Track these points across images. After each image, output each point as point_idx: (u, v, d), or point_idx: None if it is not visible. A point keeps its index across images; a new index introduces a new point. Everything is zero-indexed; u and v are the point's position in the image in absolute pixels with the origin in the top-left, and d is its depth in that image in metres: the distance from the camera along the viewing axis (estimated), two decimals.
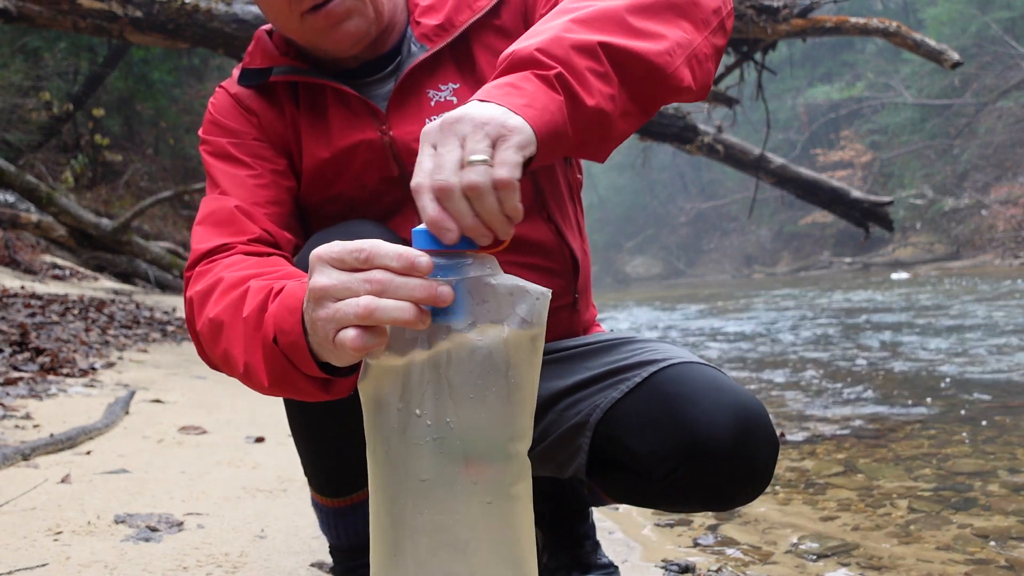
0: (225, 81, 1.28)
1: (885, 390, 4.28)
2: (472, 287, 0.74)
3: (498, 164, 0.76)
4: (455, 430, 0.74)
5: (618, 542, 2.01)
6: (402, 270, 0.73)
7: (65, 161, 13.28)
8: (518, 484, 0.77)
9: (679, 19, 0.97)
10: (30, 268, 8.30)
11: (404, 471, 0.75)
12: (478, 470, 0.74)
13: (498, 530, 0.76)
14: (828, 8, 6.89)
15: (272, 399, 1.27)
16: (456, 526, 0.74)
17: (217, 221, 1.12)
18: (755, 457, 1.08)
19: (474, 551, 0.75)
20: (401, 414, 0.75)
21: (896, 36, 6.60)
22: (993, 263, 20.06)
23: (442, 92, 1.19)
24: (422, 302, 0.73)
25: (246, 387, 1.00)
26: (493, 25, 1.21)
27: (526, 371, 0.76)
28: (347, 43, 1.15)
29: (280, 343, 0.88)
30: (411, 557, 0.76)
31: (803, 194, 7.54)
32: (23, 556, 1.65)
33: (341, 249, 0.76)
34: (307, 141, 1.21)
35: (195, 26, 5.25)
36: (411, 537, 0.76)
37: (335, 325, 0.75)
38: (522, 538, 0.77)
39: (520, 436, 0.77)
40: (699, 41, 0.98)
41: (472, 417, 0.74)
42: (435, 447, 0.74)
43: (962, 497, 2.31)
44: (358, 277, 0.74)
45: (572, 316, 1.32)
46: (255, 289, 0.96)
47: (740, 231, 35.08)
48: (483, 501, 0.75)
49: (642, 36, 0.92)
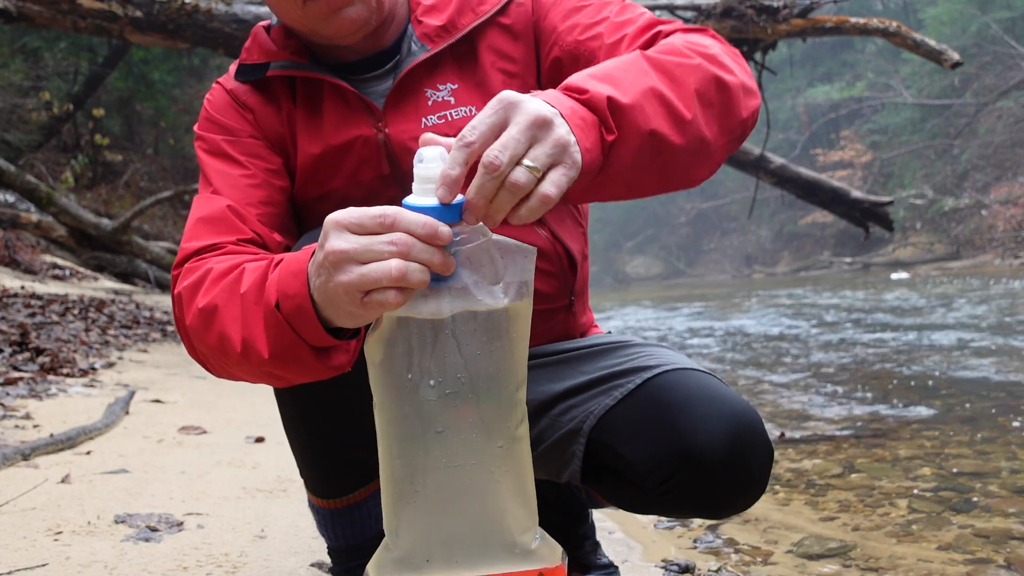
0: (222, 77, 1.27)
1: (885, 390, 4.28)
2: (471, 253, 0.80)
3: (549, 182, 0.79)
4: (466, 384, 0.80)
5: (618, 542, 2.01)
6: (425, 238, 0.76)
7: (65, 161, 13.28)
8: (521, 426, 0.84)
9: (714, 121, 0.97)
10: (30, 268, 8.30)
11: (419, 424, 0.81)
12: (489, 418, 0.81)
13: (511, 470, 0.83)
14: (828, 8, 6.89)
15: (272, 399, 1.27)
16: (474, 471, 0.81)
17: (208, 220, 1.11)
18: (749, 465, 1.08)
19: (492, 492, 0.81)
20: (413, 372, 0.80)
21: (896, 36, 6.60)
22: (993, 263, 20.05)
23: (440, 92, 1.19)
24: (435, 268, 0.77)
25: (245, 387, 1.00)
26: (500, 23, 1.21)
27: (521, 325, 0.83)
28: (348, 30, 1.14)
29: (283, 308, 0.89)
30: (434, 505, 0.82)
31: (803, 194, 7.53)
32: (23, 556, 1.65)
33: (362, 214, 0.78)
34: (302, 137, 1.20)
35: (195, 26, 5.24)
36: (431, 483, 0.82)
37: (364, 287, 0.77)
38: (528, 475, 0.85)
39: (522, 383, 0.85)
40: (719, 146, 0.99)
41: (481, 370, 0.80)
42: (448, 400, 0.80)
43: (962, 497, 2.31)
44: (381, 239, 0.77)
45: (568, 318, 1.32)
46: (251, 268, 0.96)
47: (740, 231, 35.05)
48: (495, 445, 0.81)
49: (685, 132, 0.93)
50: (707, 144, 0.96)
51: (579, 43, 1.16)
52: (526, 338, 0.84)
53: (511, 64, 1.20)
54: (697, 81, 0.95)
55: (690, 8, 6.89)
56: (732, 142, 1.01)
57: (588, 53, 1.15)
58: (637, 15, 1.14)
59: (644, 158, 0.90)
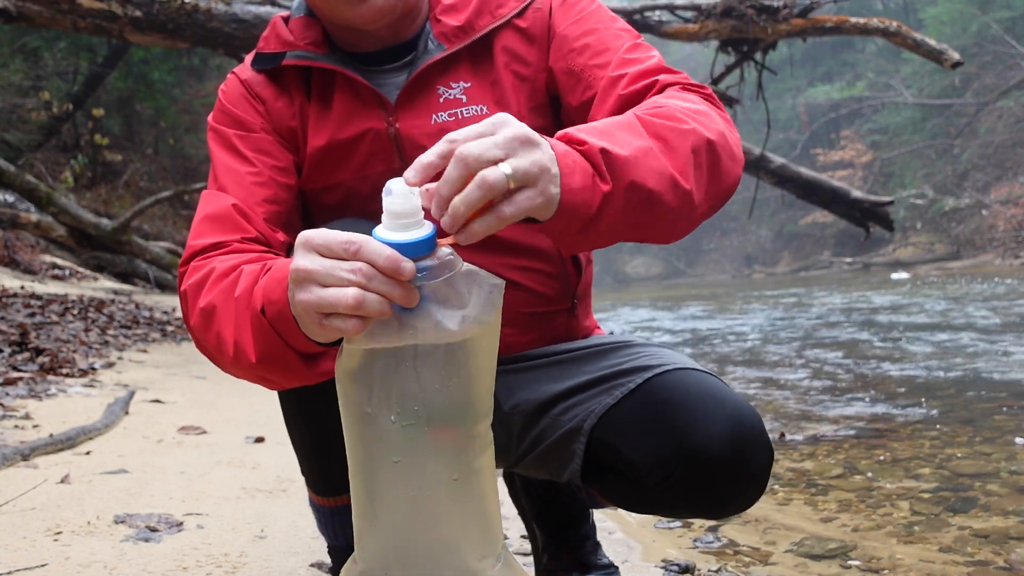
0: (238, 67, 1.28)
1: (885, 391, 4.27)
2: (437, 288, 0.79)
3: (510, 202, 0.79)
4: (422, 416, 0.79)
5: (618, 542, 2.01)
6: (387, 271, 0.76)
7: (65, 161, 13.27)
8: (480, 458, 0.83)
9: (702, 185, 0.97)
10: (30, 268, 8.30)
11: (376, 451, 0.81)
12: (446, 451, 0.81)
13: (466, 501, 0.82)
14: (828, 8, 6.90)
15: (272, 399, 1.27)
16: (428, 501, 0.81)
17: (214, 218, 1.13)
18: (749, 465, 1.08)
19: (446, 522, 0.82)
20: (373, 401, 0.80)
21: (896, 36, 6.60)
22: (993, 263, 20.05)
23: (453, 90, 1.20)
24: (396, 300, 0.77)
25: (245, 387, 1.01)
26: (516, 26, 1.22)
27: (484, 359, 0.82)
28: (373, 15, 1.14)
29: (268, 314, 0.90)
30: (390, 527, 0.83)
31: (803, 194, 7.53)
32: (23, 556, 1.65)
33: (331, 238, 0.78)
34: (313, 127, 1.21)
35: (195, 26, 5.24)
36: (388, 510, 0.82)
37: (320, 310, 0.78)
38: (488, 505, 0.84)
39: (482, 417, 0.83)
40: (703, 210, 0.99)
41: (438, 403, 0.79)
42: (405, 431, 0.80)
43: (962, 498, 2.31)
44: (344, 266, 0.77)
45: (570, 321, 1.32)
46: (247, 272, 0.98)
47: (740, 231, 35.05)
48: (450, 478, 0.81)
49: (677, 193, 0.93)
50: (694, 207, 0.97)
51: (585, 67, 1.17)
52: (489, 371, 0.83)
53: (524, 67, 1.21)
54: (690, 146, 0.96)
55: (690, 8, 6.89)
56: (713, 207, 1.02)
57: (589, 79, 1.16)
58: (645, 56, 1.15)
59: (634, 213, 0.91)
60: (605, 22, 1.20)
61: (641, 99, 1.08)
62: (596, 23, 1.20)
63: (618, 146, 0.89)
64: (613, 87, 1.12)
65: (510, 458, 1.28)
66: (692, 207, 0.96)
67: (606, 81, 1.13)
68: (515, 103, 1.20)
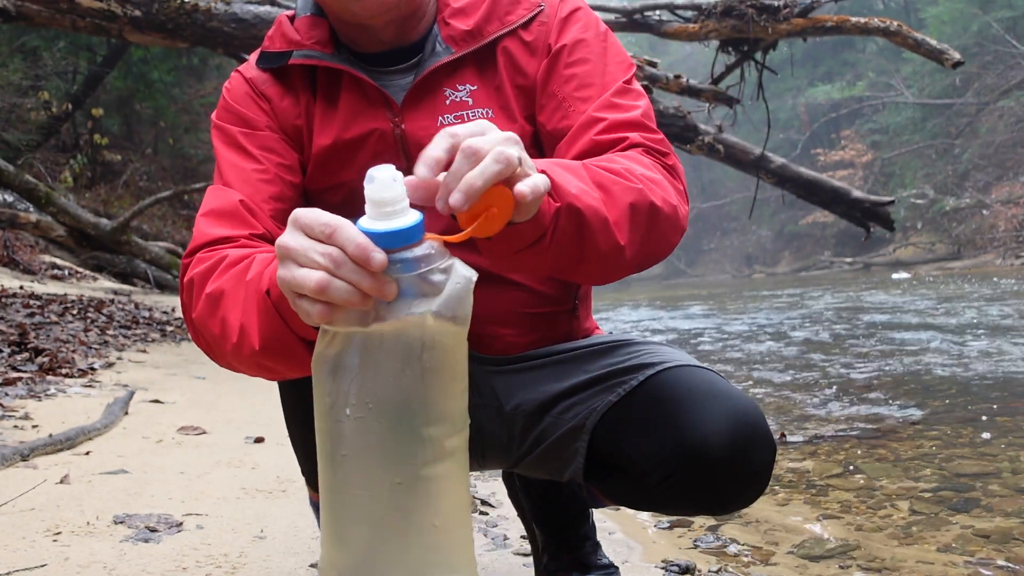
0: (242, 65, 1.28)
1: (886, 391, 4.27)
2: (416, 281, 0.76)
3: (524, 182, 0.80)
4: (373, 410, 0.77)
5: (618, 543, 2.00)
6: (356, 259, 0.74)
7: (64, 161, 13.26)
8: (432, 467, 0.79)
9: (636, 244, 0.99)
10: (29, 268, 8.30)
11: (331, 445, 0.79)
12: (390, 451, 0.78)
13: (410, 510, 0.79)
14: (829, 7, 6.89)
15: (272, 399, 1.26)
16: (371, 502, 0.78)
17: (221, 213, 1.12)
18: (751, 461, 1.08)
19: (389, 527, 0.78)
20: (333, 388, 0.78)
21: (897, 35, 6.59)
22: (994, 263, 20.05)
23: (459, 92, 1.20)
24: (365, 290, 0.75)
25: (245, 387, 1.00)
26: (519, 36, 1.22)
27: (444, 356, 0.78)
28: (378, 10, 1.14)
29: (272, 295, 0.90)
30: (341, 527, 0.81)
31: (804, 194, 7.52)
32: (22, 557, 1.65)
33: (314, 218, 0.77)
34: (319, 126, 1.21)
35: (194, 25, 5.24)
36: (337, 504, 0.80)
37: (292, 288, 0.77)
38: (441, 522, 0.80)
39: (436, 421, 0.79)
40: (632, 264, 1.02)
41: (387, 399, 0.77)
42: (355, 424, 0.77)
43: (963, 498, 2.31)
44: (317, 248, 0.76)
45: (571, 322, 1.32)
46: (261, 259, 0.97)
47: (740, 231, 35.06)
48: (393, 480, 0.78)
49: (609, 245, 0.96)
50: (623, 259, 0.98)
51: (568, 96, 1.18)
52: (452, 372, 0.80)
53: (523, 78, 1.21)
54: (629, 202, 0.98)
55: (690, 7, 6.89)
56: (641, 267, 1.04)
57: (568, 109, 1.17)
58: (631, 105, 1.15)
59: (570, 241, 0.92)
60: (598, 54, 1.20)
61: (608, 151, 1.09)
62: (590, 52, 1.20)
63: (561, 180, 0.92)
64: (589, 128, 1.13)
65: (512, 458, 1.28)
66: (621, 257, 0.98)
67: (585, 119, 1.14)
68: (516, 109, 1.21)
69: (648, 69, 6.59)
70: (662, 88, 6.83)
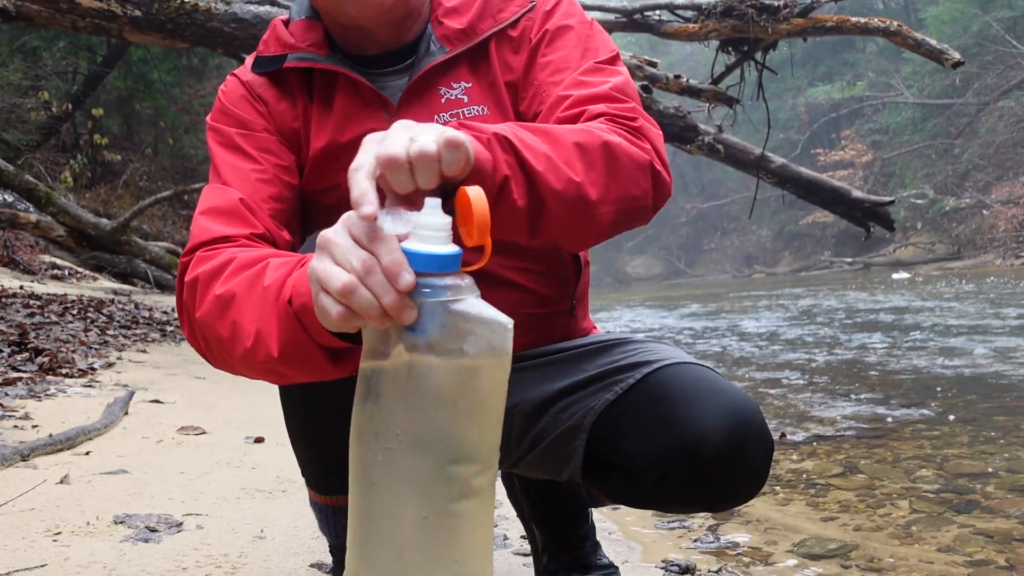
0: (238, 68, 1.28)
1: (886, 391, 4.27)
2: (440, 310, 0.75)
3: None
4: (402, 443, 0.77)
5: (618, 542, 2.00)
6: (387, 271, 0.74)
7: (64, 161, 13.25)
8: (459, 503, 0.79)
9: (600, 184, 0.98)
10: (29, 268, 8.29)
11: (361, 467, 0.79)
12: (418, 485, 0.77)
13: (433, 545, 0.78)
14: (829, 7, 6.88)
15: (272, 399, 1.26)
16: (396, 532, 0.78)
17: (221, 212, 1.11)
18: (749, 458, 1.08)
19: (411, 559, 0.78)
20: (364, 414, 0.78)
21: (897, 35, 6.59)
22: (994, 263, 20.05)
23: (454, 90, 1.20)
24: (385, 307, 0.74)
25: (245, 387, 0.99)
26: (508, 34, 1.23)
27: (477, 397, 0.78)
28: (373, 11, 1.14)
29: (294, 304, 0.89)
30: (364, 545, 0.80)
31: (804, 194, 7.52)
32: (22, 557, 1.65)
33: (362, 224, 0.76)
34: (316, 128, 1.21)
35: (194, 25, 5.24)
36: (364, 531, 0.80)
37: (319, 281, 0.77)
38: (463, 557, 0.79)
39: (464, 460, 0.78)
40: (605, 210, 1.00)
41: (417, 434, 0.76)
42: (385, 455, 0.77)
43: (963, 498, 2.31)
44: (356, 250, 0.75)
45: (570, 322, 1.32)
46: (276, 264, 0.96)
47: (741, 231, 35.06)
48: (420, 515, 0.77)
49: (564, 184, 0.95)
50: (588, 201, 0.97)
51: (543, 83, 1.18)
52: (485, 413, 0.79)
53: (511, 74, 1.22)
54: (573, 140, 0.97)
55: (690, 7, 6.89)
56: (621, 211, 1.01)
57: (544, 95, 1.17)
58: (600, 80, 1.15)
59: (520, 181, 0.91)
60: (575, 41, 1.20)
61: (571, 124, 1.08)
62: (568, 39, 1.20)
63: (493, 129, 0.91)
64: (555, 108, 1.13)
65: (510, 458, 1.27)
66: (586, 198, 0.96)
67: (552, 100, 1.15)
68: (510, 105, 1.21)
69: (648, 69, 6.58)
70: (662, 88, 6.83)
